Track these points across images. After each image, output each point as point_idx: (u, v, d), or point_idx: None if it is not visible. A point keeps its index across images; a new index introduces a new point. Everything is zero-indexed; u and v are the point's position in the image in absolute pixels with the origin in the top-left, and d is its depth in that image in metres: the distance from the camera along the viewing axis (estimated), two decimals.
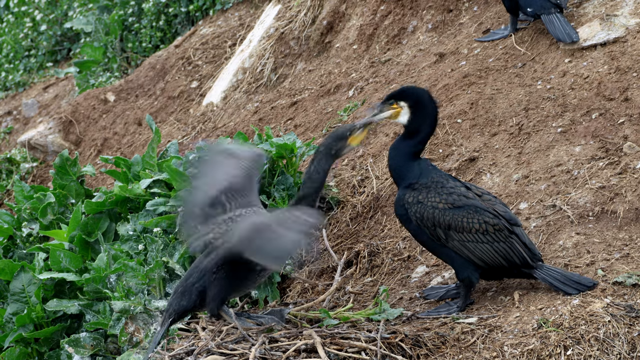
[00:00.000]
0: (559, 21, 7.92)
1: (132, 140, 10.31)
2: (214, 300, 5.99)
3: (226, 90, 9.97)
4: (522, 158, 7.27)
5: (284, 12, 10.12)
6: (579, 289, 6.12)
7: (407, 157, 6.32)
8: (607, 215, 6.71)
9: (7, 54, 13.10)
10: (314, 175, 6.07)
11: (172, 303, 6.07)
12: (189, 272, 6.08)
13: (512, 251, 6.19)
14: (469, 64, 8.20)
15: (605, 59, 7.64)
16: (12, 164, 10.93)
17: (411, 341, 5.98)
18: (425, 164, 6.34)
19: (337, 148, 6.13)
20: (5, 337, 7.31)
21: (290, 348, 5.83)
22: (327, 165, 6.10)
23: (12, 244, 8.07)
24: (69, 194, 8.06)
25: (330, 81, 9.12)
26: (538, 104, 7.54)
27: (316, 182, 6.06)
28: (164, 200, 7.47)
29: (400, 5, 9.26)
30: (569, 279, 6.16)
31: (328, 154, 6.11)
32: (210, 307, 6.00)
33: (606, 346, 5.86)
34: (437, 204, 6.23)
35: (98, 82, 11.40)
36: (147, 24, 11.57)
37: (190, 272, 6.07)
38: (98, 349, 7.07)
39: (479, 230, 6.20)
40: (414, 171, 6.31)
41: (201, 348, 5.92)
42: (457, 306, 6.33)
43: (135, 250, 7.34)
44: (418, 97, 6.32)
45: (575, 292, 6.11)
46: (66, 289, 7.48)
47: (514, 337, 5.94)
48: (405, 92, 6.35)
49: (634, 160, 6.91)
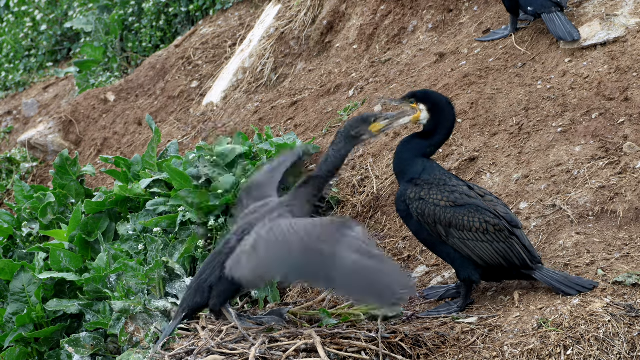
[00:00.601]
0: (559, 20, 7.90)
1: (132, 140, 10.31)
2: (218, 297, 6.00)
3: (226, 90, 9.97)
4: (522, 158, 7.27)
5: (284, 12, 10.12)
6: (579, 290, 6.12)
7: (416, 154, 6.34)
8: (607, 215, 6.71)
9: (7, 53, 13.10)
10: (331, 158, 6.05)
11: (187, 299, 6.11)
12: (203, 269, 6.11)
13: (512, 252, 6.20)
14: (469, 63, 8.20)
15: (605, 59, 7.64)
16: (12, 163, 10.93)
17: (411, 341, 5.97)
18: (430, 162, 6.36)
19: (358, 130, 6.10)
20: (5, 337, 7.31)
21: (290, 348, 5.82)
22: (345, 150, 6.05)
23: (12, 243, 8.07)
24: (69, 193, 8.06)
25: (330, 81, 9.12)
26: (538, 103, 7.54)
27: (331, 165, 6.03)
28: (164, 200, 7.47)
29: (401, 5, 9.26)
30: (569, 280, 6.16)
31: (347, 136, 6.07)
32: (213, 303, 6.02)
33: (606, 346, 5.86)
34: (439, 201, 6.24)
35: (98, 82, 11.40)
36: (147, 24, 11.58)
37: (204, 268, 6.10)
38: (98, 349, 7.07)
39: (479, 229, 6.20)
40: (416, 167, 6.32)
41: (201, 348, 5.92)
42: (457, 306, 6.33)
43: (135, 250, 7.34)
44: (439, 103, 6.36)
45: (574, 293, 6.11)
46: (66, 288, 7.49)
47: (514, 336, 5.93)
48: (427, 96, 6.39)
49: (634, 160, 6.91)
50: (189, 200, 7.33)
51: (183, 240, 7.29)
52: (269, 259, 5.69)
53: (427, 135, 6.38)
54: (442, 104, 6.37)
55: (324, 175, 6.04)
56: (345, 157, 6.07)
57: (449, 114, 6.36)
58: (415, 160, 6.35)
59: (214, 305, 6.02)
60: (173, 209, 7.42)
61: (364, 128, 6.10)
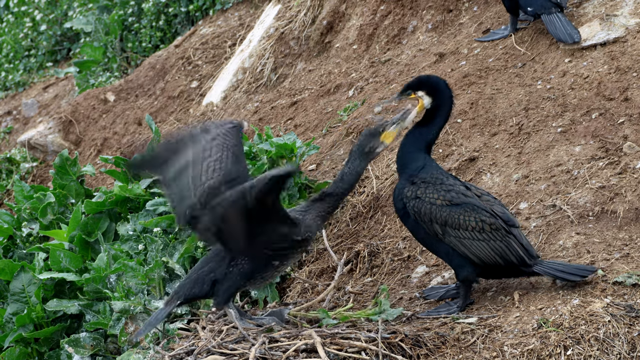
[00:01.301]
0: (560, 21, 7.88)
1: (132, 140, 10.31)
2: (223, 294, 6.01)
3: (226, 90, 9.97)
4: (522, 158, 7.27)
5: (284, 12, 10.12)
6: (582, 275, 6.11)
7: (419, 147, 6.34)
8: (607, 215, 6.71)
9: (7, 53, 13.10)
10: (347, 176, 6.09)
11: (184, 287, 6.10)
12: (205, 261, 6.09)
13: (509, 250, 6.19)
14: (469, 64, 8.21)
15: (605, 59, 7.64)
16: (12, 163, 10.93)
17: (411, 341, 5.98)
18: (430, 160, 6.36)
19: (371, 146, 6.13)
20: (5, 337, 7.31)
21: (290, 348, 5.83)
22: (361, 167, 6.11)
23: (12, 244, 8.07)
24: (69, 193, 8.06)
25: (330, 81, 9.11)
26: (538, 103, 7.54)
27: (347, 183, 6.10)
28: (163, 200, 7.47)
29: (400, 5, 9.26)
30: (570, 267, 6.16)
31: (362, 153, 6.11)
32: (218, 300, 6.02)
33: (606, 346, 5.86)
34: (435, 200, 6.24)
35: (98, 82, 11.40)
36: (147, 24, 11.57)
37: (207, 260, 6.08)
38: (98, 349, 7.07)
39: (475, 228, 6.20)
40: (418, 162, 6.32)
41: (201, 348, 5.93)
42: (457, 306, 6.33)
43: (135, 250, 7.34)
44: (435, 85, 6.35)
45: (578, 279, 6.10)
46: (66, 289, 7.49)
47: (514, 337, 5.94)
48: (422, 81, 6.38)
49: (634, 160, 6.91)
50: None
51: (183, 241, 7.29)
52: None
53: (428, 119, 6.36)
54: (438, 84, 6.35)
55: (340, 193, 6.08)
56: (361, 175, 6.14)
57: (446, 93, 6.34)
58: (417, 155, 6.34)
59: (219, 302, 6.03)
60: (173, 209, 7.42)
61: (376, 142, 6.13)
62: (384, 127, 6.16)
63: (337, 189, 6.08)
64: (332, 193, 6.08)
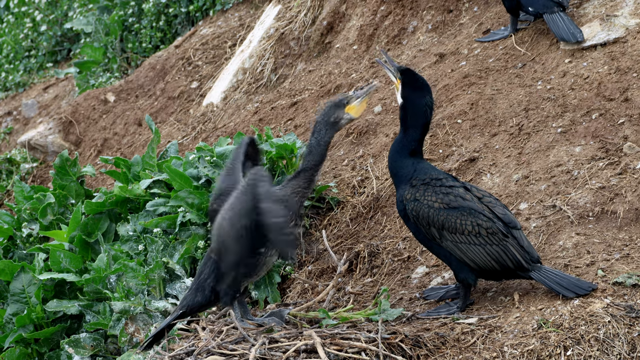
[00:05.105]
0: (562, 20, 7.86)
1: (132, 140, 10.31)
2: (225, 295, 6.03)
3: (226, 90, 9.97)
4: (522, 158, 7.27)
5: (284, 13, 10.12)
6: (577, 293, 6.09)
7: (401, 153, 6.30)
8: (607, 216, 6.71)
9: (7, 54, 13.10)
10: (314, 147, 6.10)
11: (187, 297, 6.15)
12: (201, 268, 6.13)
13: (505, 254, 6.16)
14: (469, 64, 8.21)
15: (605, 59, 7.64)
16: (12, 164, 10.93)
17: (411, 341, 5.98)
18: (420, 163, 6.33)
19: (335, 116, 6.14)
20: (5, 338, 7.31)
21: (290, 348, 5.83)
22: (327, 137, 6.10)
23: (12, 244, 8.07)
24: (69, 194, 8.06)
25: (330, 81, 9.11)
26: (538, 104, 7.54)
27: (316, 155, 6.10)
28: (164, 200, 7.47)
29: (401, 5, 9.26)
30: (567, 281, 6.12)
31: (327, 123, 6.12)
32: (224, 300, 6.06)
33: (606, 346, 5.86)
34: (433, 203, 6.23)
35: (98, 82, 11.40)
36: (147, 25, 11.58)
37: (202, 268, 6.11)
38: (98, 350, 7.07)
39: (471, 232, 6.18)
40: (407, 168, 6.30)
41: (201, 348, 5.93)
42: (457, 306, 6.33)
43: (135, 251, 7.34)
44: (411, 81, 6.29)
45: (572, 295, 6.08)
46: (66, 289, 7.49)
47: (514, 337, 5.94)
48: (405, 71, 6.33)
49: (634, 160, 6.91)
50: (189, 201, 7.33)
51: (183, 241, 7.29)
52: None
53: (404, 127, 6.30)
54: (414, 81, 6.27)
55: (311, 167, 6.09)
56: (328, 145, 6.13)
57: (418, 99, 6.26)
58: (403, 161, 6.31)
59: (225, 302, 6.08)
60: (173, 210, 7.42)
61: (340, 112, 6.14)
62: (349, 99, 6.18)
63: (307, 164, 6.10)
64: (304, 169, 6.10)
